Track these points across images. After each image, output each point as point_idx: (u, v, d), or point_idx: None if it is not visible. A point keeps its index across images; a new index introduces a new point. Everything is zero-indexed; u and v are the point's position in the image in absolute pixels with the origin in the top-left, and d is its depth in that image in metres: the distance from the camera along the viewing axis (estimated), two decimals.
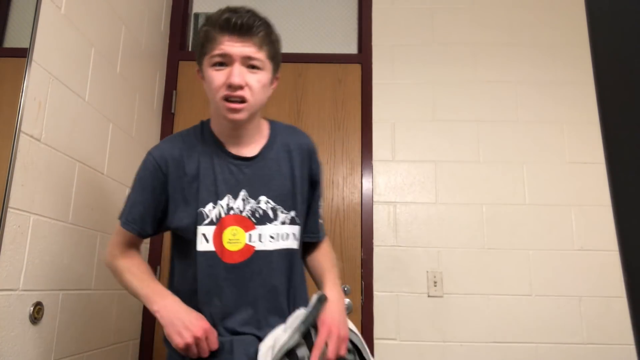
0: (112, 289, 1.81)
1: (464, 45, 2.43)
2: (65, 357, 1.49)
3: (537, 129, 2.33)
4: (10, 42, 1.26)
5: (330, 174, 2.32)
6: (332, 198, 2.30)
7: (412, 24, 2.46)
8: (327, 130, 2.37)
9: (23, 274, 1.27)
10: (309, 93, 2.41)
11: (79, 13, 1.55)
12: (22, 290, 1.27)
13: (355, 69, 2.43)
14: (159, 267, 2.25)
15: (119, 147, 1.87)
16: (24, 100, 1.26)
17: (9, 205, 1.21)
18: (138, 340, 2.14)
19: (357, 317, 2.16)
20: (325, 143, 2.35)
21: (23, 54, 1.27)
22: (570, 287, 2.16)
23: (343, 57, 2.46)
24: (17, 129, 1.23)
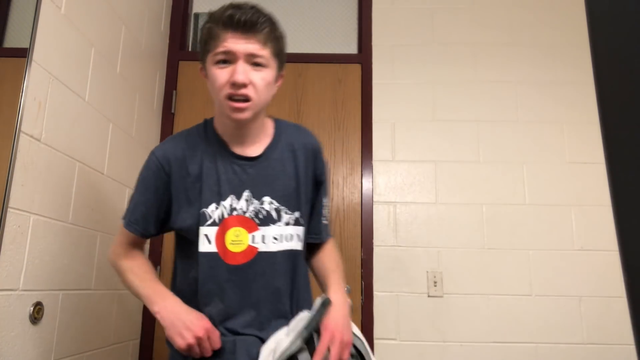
0: (112, 289, 1.82)
1: (464, 45, 2.43)
2: (65, 357, 1.49)
3: (537, 129, 2.33)
4: (10, 42, 1.26)
5: (330, 174, 2.32)
6: (332, 198, 2.30)
7: (412, 24, 2.46)
8: (327, 131, 2.37)
9: (23, 274, 1.27)
10: (309, 93, 2.41)
11: (79, 13, 1.55)
12: (22, 290, 1.27)
13: (355, 69, 2.43)
14: (159, 267, 2.25)
15: (119, 147, 1.87)
16: (24, 100, 1.26)
17: (9, 205, 1.21)
18: (138, 340, 2.14)
19: (357, 317, 2.16)
20: (325, 143, 2.35)
21: (23, 54, 1.27)
22: (570, 287, 2.16)
23: (343, 57, 2.46)
24: (17, 129, 1.23)
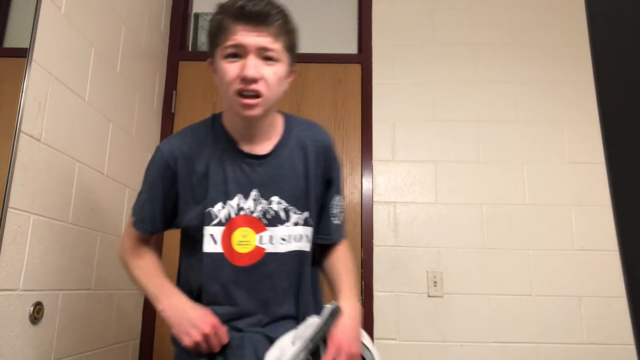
0: (112, 289, 1.81)
1: (464, 45, 2.43)
2: (65, 357, 1.49)
3: (537, 129, 2.33)
4: (10, 42, 1.26)
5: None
6: None
7: (412, 24, 2.46)
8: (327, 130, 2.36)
9: (23, 274, 1.27)
10: (309, 93, 2.41)
11: (79, 13, 1.55)
12: (22, 290, 1.27)
13: (355, 69, 2.43)
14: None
15: (119, 147, 1.87)
16: (24, 100, 1.26)
17: (9, 205, 1.21)
18: (138, 340, 2.14)
19: None
20: None
21: (23, 54, 1.27)
22: (570, 287, 2.16)
23: (343, 57, 2.46)
24: (17, 129, 1.23)
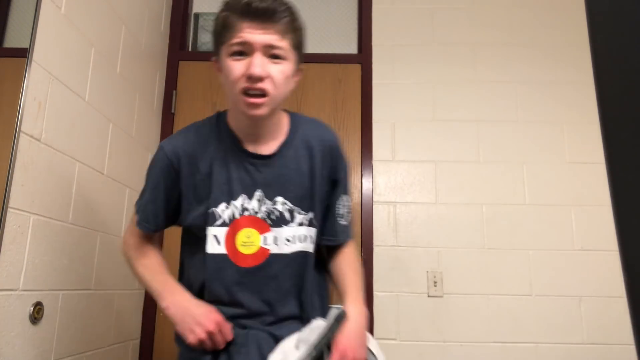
0: (112, 289, 1.81)
1: (464, 45, 2.43)
2: (65, 357, 1.49)
3: (537, 129, 2.33)
4: (10, 42, 1.26)
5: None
6: None
7: (412, 24, 2.46)
8: None
9: (23, 274, 1.27)
10: (309, 93, 2.41)
11: (79, 13, 1.55)
12: (22, 290, 1.27)
13: (355, 69, 2.43)
14: None
15: (119, 147, 1.87)
16: (24, 100, 1.26)
17: (9, 205, 1.21)
18: (138, 340, 2.14)
19: None
20: None
21: (23, 54, 1.27)
22: (570, 287, 2.16)
23: (343, 57, 2.46)
24: (17, 129, 1.23)
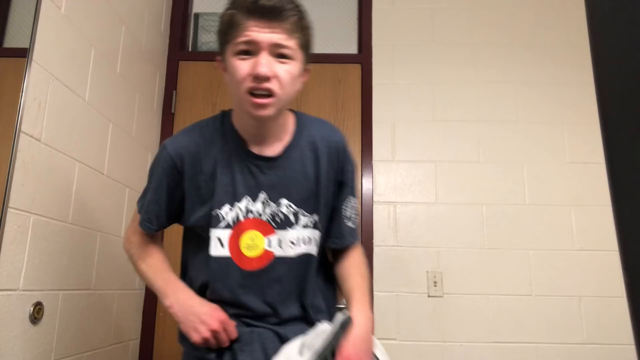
0: (112, 289, 1.81)
1: (464, 45, 2.43)
2: (65, 357, 1.49)
3: (537, 129, 2.33)
4: (10, 42, 1.26)
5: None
6: None
7: (412, 24, 2.46)
8: None
9: (23, 274, 1.27)
10: (309, 93, 2.41)
11: (79, 13, 1.55)
12: (22, 290, 1.27)
13: (355, 69, 2.43)
14: None
15: (119, 147, 1.87)
16: (24, 100, 1.26)
17: (9, 205, 1.21)
18: (138, 340, 2.14)
19: None
20: None
21: (23, 54, 1.27)
22: (570, 287, 2.16)
23: (343, 57, 2.46)
24: (17, 129, 1.23)
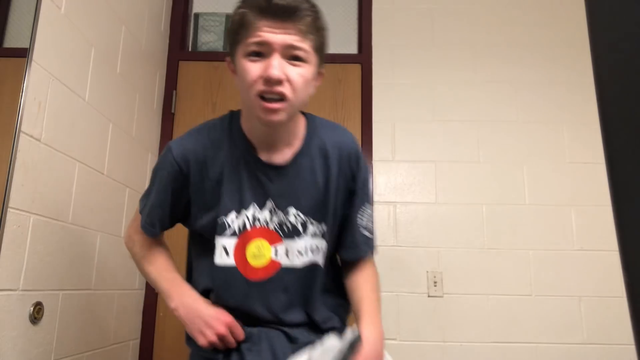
0: (112, 289, 1.81)
1: (464, 45, 2.43)
2: (65, 357, 1.49)
3: (537, 129, 2.33)
4: (10, 42, 1.26)
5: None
6: None
7: (412, 24, 2.46)
8: None
9: (23, 274, 1.27)
10: None
11: (79, 13, 1.55)
12: (22, 290, 1.27)
13: (355, 69, 2.43)
14: None
15: (119, 147, 1.87)
16: (24, 100, 1.26)
17: (9, 205, 1.21)
18: (138, 340, 2.14)
19: None
20: None
21: (23, 54, 1.27)
22: (570, 287, 2.16)
23: (343, 57, 2.46)
24: (17, 129, 1.23)
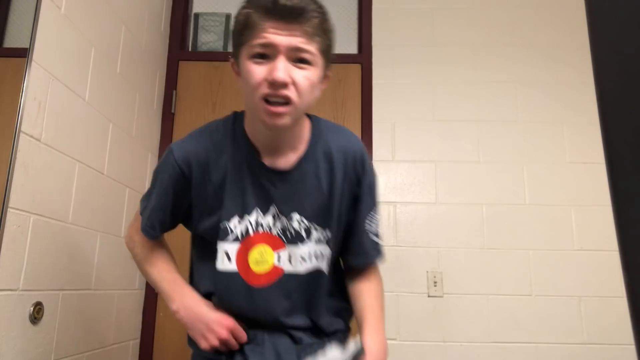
0: (112, 289, 1.81)
1: (464, 45, 2.43)
2: (65, 357, 1.49)
3: (537, 129, 2.33)
4: (10, 42, 1.26)
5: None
6: None
7: (412, 24, 2.46)
8: None
9: (23, 274, 1.27)
10: None
11: (79, 13, 1.55)
12: (22, 290, 1.27)
13: (355, 69, 2.43)
14: None
15: (119, 147, 1.87)
16: (24, 100, 1.26)
17: (9, 205, 1.21)
18: (138, 340, 2.14)
19: None
20: None
21: (23, 54, 1.27)
22: (570, 287, 2.16)
23: (343, 57, 2.46)
24: (17, 129, 1.23)
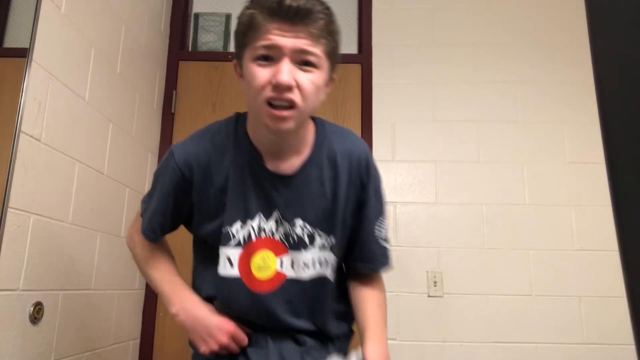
0: (112, 289, 1.82)
1: (464, 45, 2.43)
2: (65, 357, 1.49)
3: (537, 129, 2.33)
4: (10, 42, 1.26)
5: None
6: None
7: (412, 24, 2.46)
8: None
9: (23, 274, 1.27)
10: None
11: (79, 13, 1.55)
12: (22, 290, 1.27)
13: (355, 69, 2.43)
14: None
15: (119, 147, 1.87)
16: (24, 100, 1.26)
17: (9, 205, 1.21)
18: (138, 340, 2.14)
19: None
20: None
21: (23, 54, 1.27)
22: (570, 287, 2.16)
23: (343, 57, 2.44)
24: (17, 129, 1.23)
